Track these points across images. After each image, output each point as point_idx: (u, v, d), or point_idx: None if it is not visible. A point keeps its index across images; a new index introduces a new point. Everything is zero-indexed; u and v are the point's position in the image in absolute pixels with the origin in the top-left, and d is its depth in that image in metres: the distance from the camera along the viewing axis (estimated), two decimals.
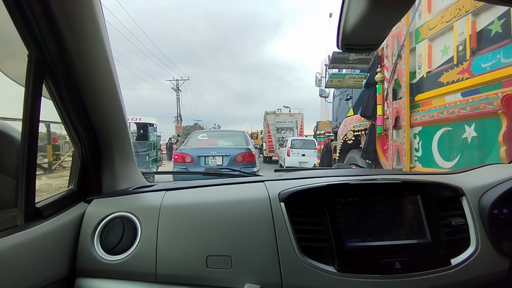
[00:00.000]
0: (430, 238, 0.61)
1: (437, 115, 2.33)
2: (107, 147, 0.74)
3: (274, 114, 13.51)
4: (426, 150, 2.51)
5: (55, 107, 0.63)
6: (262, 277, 0.57)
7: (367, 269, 0.57)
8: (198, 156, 4.39)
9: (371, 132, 3.42)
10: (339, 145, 4.55)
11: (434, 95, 2.40)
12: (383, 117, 3.16)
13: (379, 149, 3.38)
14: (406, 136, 2.70)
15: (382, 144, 3.33)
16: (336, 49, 0.75)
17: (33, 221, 0.54)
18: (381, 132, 3.19)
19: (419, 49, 2.62)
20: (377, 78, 3.22)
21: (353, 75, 4.32)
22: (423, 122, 2.53)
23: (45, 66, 0.56)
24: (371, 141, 3.40)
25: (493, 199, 0.65)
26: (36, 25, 0.52)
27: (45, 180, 4.12)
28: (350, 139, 4.12)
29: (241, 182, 0.76)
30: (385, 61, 3.15)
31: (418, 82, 2.63)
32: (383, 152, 3.31)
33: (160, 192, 0.70)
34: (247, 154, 4.54)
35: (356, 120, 3.96)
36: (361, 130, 3.76)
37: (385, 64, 3.15)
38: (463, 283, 0.59)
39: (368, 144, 3.43)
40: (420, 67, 2.59)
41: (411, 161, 2.70)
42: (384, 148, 3.27)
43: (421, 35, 2.58)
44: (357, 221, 0.62)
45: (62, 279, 0.58)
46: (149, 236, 0.61)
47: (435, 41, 2.46)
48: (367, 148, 3.44)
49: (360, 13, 0.39)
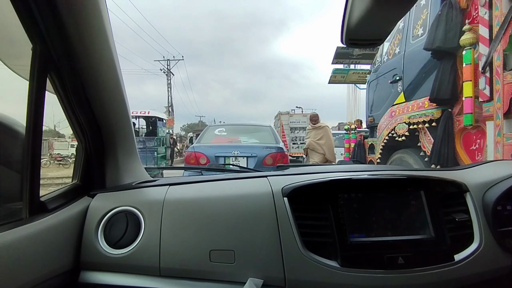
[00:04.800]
0: (433, 233, 0.60)
1: None
2: (111, 141, 0.74)
3: (288, 114, 13.43)
4: None
5: (59, 101, 0.63)
6: (265, 272, 0.57)
7: (370, 264, 0.57)
8: (215, 157, 3.39)
9: (446, 124, 2.29)
10: (381, 143, 3.39)
11: None
12: (476, 101, 2.04)
13: (460, 149, 2.26)
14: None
15: (467, 142, 2.22)
16: (340, 44, 0.69)
17: (38, 215, 0.54)
18: (471, 124, 2.07)
19: None
20: (464, 40, 2.08)
21: (357, 71, 3.74)
22: None
23: (49, 60, 0.56)
24: (447, 138, 2.28)
25: (497, 195, 0.64)
26: (40, 18, 0.51)
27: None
28: (401, 135, 2.97)
29: (244, 177, 0.75)
30: (480, 13, 2.01)
31: None
32: (469, 155, 2.19)
33: (163, 187, 0.70)
34: (279, 155, 3.45)
35: (412, 108, 2.80)
36: (424, 121, 2.62)
37: (480, 17, 2.00)
38: (466, 279, 0.59)
39: (442, 143, 2.30)
40: None
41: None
42: (473, 149, 2.16)
43: None
44: (360, 216, 0.61)
45: (66, 272, 0.58)
46: (153, 230, 0.61)
47: None
48: (440, 148, 2.31)
49: (364, 7, 0.38)
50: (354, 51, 3.75)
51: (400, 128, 2.95)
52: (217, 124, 5.04)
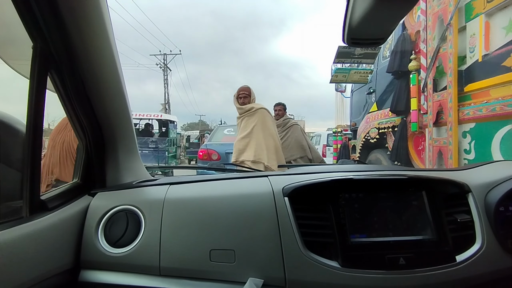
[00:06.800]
0: (435, 234, 0.60)
1: (501, 108, 1.86)
2: (111, 140, 0.74)
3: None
4: (482, 152, 2.05)
5: (60, 99, 0.63)
6: (266, 272, 0.57)
7: (371, 265, 0.56)
8: (226, 153, 3.84)
9: (402, 130, 2.95)
10: (360, 144, 4.05)
11: (494, 83, 1.93)
12: (419, 113, 2.69)
13: (411, 149, 2.92)
14: (452, 134, 2.23)
15: (416, 144, 2.87)
16: (342, 44, 0.67)
17: (38, 213, 0.54)
18: (416, 130, 2.72)
19: (471, 27, 2.14)
20: (411, 66, 2.74)
21: (358, 70, 4.07)
22: (478, 118, 2.05)
23: (49, 58, 0.55)
24: (402, 140, 2.93)
25: (499, 196, 0.63)
26: (40, 16, 0.51)
27: None
28: (373, 137, 3.63)
29: (245, 177, 0.75)
30: (421, 46, 2.66)
31: (470, 69, 2.15)
32: (417, 153, 2.84)
33: (164, 186, 0.70)
34: None
35: (381, 116, 3.48)
36: (388, 127, 3.28)
37: (421, 50, 2.66)
38: (468, 280, 0.58)
39: (398, 144, 2.96)
40: (473, 50, 2.11)
41: (459, 164, 2.24)
42: (419, 149, 2.81)
43: (475, 10, 2.10)
44: (361, 217, 0.61)
45: (66, 271, 0.58)
46: (153, 229, 0.61)
47: (495, 16, 1.98)
48: (397, 148, 2.97)
49: (366, 6, 0.38)
50: (355, 50, 4.05)
51: (372, 132, 3.62)
52: (225, 125, 5.61)
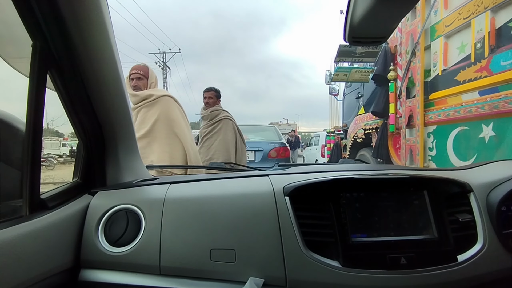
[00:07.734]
0: (436, 234, 0.59)
1: (453, 114, 2.29)
2: (112, 139, 0.74)
3: (277, 124, 17.21)
4: (441, 149, 2.48)
5: (60, 98, 0.63)
6: (266, 271, 0.57)
7: (372, 264, 0.56)
8: None
9: (383, 131, 3.38)
10: (349, 143, 4.50)
11: (450, 93, 2.36)
12: (396, 116, 3.12)
13: (391, 148, 3.34)
14: (419, 135, 2.66)
15: (394, 143, 3.29)
16: (343, 42, 0.76)
17: (38, 212, 0.54)
18: (394, 131, 3.15)
19: (434, 46, 2.57)
20: (390, 76, 3.17)
21: (359, 69, 4.15)
22: (438, 121, 2.49)
23: (49, 57, 0.55)
24: (383, 140, 3.36)
25: (501, 196, 0.63)
26: (40, 15, 0.51)
27: None
28: (360, 137, 4.06)
29: (245, 176, 0.75)
30: (398, 59, 3.11)
31: (433, 80, 2.58)
32: (395, 151, 3.27)
33: (164, 185, 0.70)
34: (282, 149, 4.26)
35: (367, 118, 3.91)
36: (372, 128, 3.71)
37: (398, 62, 3.10)
38: (469, 280, 0.57)
39: (379, 143, 3.39)
40: (436, 65, 2.55)
41: (425, 160, 2.67)
42: (397, 147, 3.23)
43: (437, 32, 2.53)
44: (362, 216, 0.60)
45: (66, 270, 0.58)
46: (153, 228, 0.61)
47: (452, 38, 2.41)
48: (378, 147, 3.40)
49: (368, 5, 0.38)
50: (357, 49, 4.23)
51: (360, 132, 4.05)
52: None
